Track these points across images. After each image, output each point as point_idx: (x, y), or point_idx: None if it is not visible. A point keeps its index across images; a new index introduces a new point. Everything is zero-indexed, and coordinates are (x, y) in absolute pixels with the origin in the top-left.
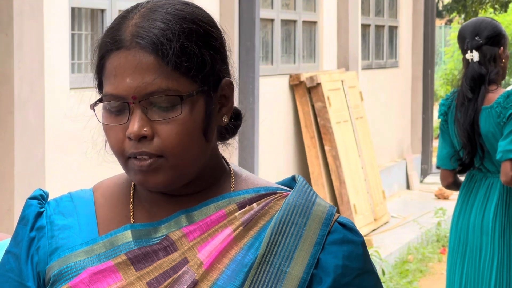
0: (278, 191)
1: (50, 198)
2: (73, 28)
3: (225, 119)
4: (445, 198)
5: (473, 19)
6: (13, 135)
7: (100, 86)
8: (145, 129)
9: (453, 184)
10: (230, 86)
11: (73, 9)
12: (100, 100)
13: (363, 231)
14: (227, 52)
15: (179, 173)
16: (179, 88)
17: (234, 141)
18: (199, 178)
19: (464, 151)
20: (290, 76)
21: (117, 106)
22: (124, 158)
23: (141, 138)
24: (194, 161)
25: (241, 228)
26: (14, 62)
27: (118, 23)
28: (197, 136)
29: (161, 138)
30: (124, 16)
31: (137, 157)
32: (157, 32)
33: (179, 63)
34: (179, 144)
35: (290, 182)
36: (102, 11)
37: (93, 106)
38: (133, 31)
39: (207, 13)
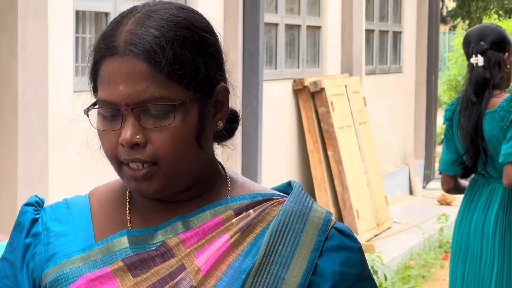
0: (274, 197)
1: (51, 200)
2: (77, 31)
3: (220, 125)
4: (448, 204)
5: (478, 25)
6: (17, 137)
7: (95, 89)
8: (137, 136)
9: (453, 189)
10: (225, 91)
11: (77, 12)
12: (94, 105)
13: (365, 236)
14: (223, 57)
15: (173, 180)
16: (172, 96)
17: (232, 143)
18: (195, 184)
19: (467, 155)
20: (294, 81)
21: (110, 112)
22: (118, 163)
23: (134, 145)
24: (188, 168)
25: (238, 234)
26: (18, 64)
27: (113, 28)
28: (190, 143)
29: (154, 145)
30: (119, 21)
31: (130, 164)
32: (150, 39)
33: (172, 72)
34: (172, 151)
35: (286, 188)
36: (106, 14)
37: (86, 111)
38: (127, 38)
39: (204, 18)
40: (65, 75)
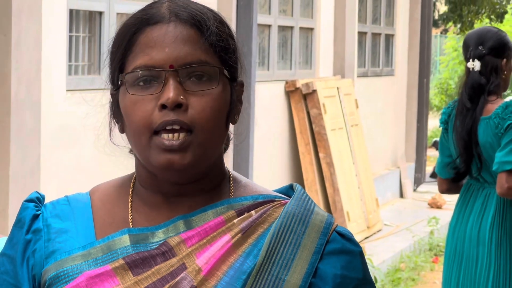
0: (276, 199)
1: (46, 200)
2: (70, 30)
3: (237, 117)
4: (438, 207)
5: (480, 27)
6: (9, 135)
7: (120, 69)
8: (181, 97)
9: (447, 191)
10: (242, 87)
11: (71, 11)
12: (132, 72)
13: (356, 238)
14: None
15: (204, 153)
16: (215, 64)
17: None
18: (204, 177)
19: (460, 160)
20: (286, 82)
21: (147, 81)
22: (150, 133)
23: (175, 108)
24: (217, 143)
25: (239, 235)
26: (12, 62)
27: (149, 5)
28: (223, 117)
29: (195, 109)
30: (153, 2)
31: (167, 128)
32: (194, 10)
33: (216, 42)
34: (211, 118)
35: (288, 190)
36: (100, 13)
37: (124, 76)
38: (171, 8)
39: None
40: (59, 74)
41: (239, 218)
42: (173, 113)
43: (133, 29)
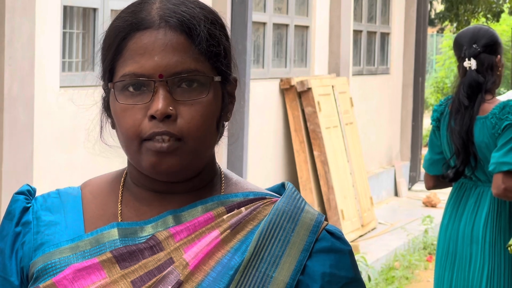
0: (267, 197)
1: (37, 195)
2: (64, 27)
3: (229, 115)
4: (433, 205)
5: (470, 27)
6: (2, 132)
7: (110, 72)
8: (170, 107)
9: (433, 187)
10: (236, 83)
11: (65, 8)
12: (122, 80)
13: (350, 237)
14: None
15: (194, 158)
16: (205, 71)
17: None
18: (196, 176)
19: (457, 159)
20: (281, 80)
21: (137, 87)
22: (139, 141)
23: (164, 118)
24: (207, 149)
25: (228, 231)
26: (5, 59)
27: (139, 6)
28: (214, 123)
29: (184, 119)
30: (143, 2)
31: (157, 137)
32: (185, 14)
33: (206, 47)
34: (201, 126)
35: (279, 189)
36: (94, 10)
37: (113, 85)
38: (160, 13)
39: None
40: (52, 71)
41: (228, 214)
42: (162, 124)
43: (122, 34)
